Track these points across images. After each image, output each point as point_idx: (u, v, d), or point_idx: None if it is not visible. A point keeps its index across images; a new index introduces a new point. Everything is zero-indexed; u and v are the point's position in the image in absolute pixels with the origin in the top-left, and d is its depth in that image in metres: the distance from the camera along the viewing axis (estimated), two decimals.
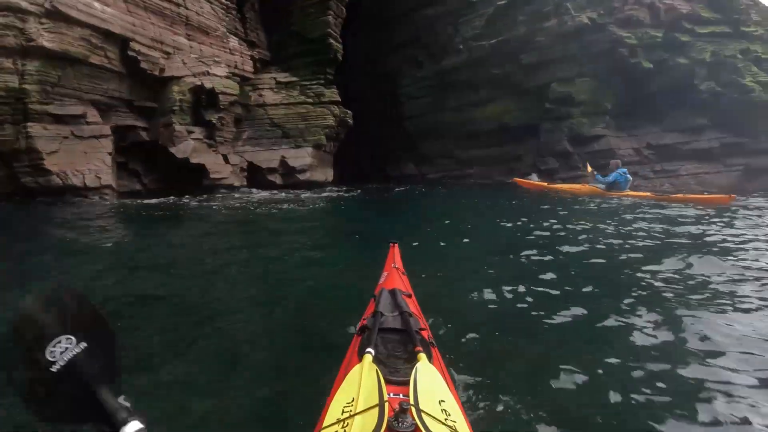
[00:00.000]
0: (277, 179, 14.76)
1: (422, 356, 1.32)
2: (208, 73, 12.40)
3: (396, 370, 1.32)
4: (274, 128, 15.53)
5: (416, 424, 0.96)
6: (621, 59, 15.50)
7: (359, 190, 15.44)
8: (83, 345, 0.87)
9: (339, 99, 16.67)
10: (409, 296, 2.07)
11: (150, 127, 12.17)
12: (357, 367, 1.27)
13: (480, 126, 18.76)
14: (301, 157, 14.97)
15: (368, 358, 1.30)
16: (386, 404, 1.03)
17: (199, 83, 12.04)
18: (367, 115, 22.47)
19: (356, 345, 1.55)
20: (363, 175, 24.30)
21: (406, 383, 1.16)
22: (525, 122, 17.72)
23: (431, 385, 1.18)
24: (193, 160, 11.68)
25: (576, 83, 16.32)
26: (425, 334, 1.62)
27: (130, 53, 11.27)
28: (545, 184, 12.81)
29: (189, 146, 11.68)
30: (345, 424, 1.01)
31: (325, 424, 1.05)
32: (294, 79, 16.73)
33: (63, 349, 0.85)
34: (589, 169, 11.14)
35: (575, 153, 16.69)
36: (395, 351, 1.47)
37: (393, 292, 1.89)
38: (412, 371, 1.20)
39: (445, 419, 1.03)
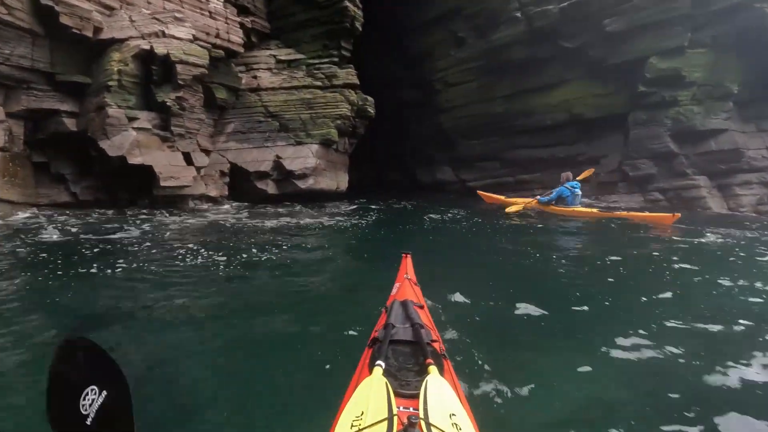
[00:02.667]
0: (268, 187, 10.79)
1: (433, 369, 1.34)
2: (164, 34, 8.59)
3: (407, 383, 1.35)
4: (268, 119, 11.61)
5: None
6: (758, 21, 10.78)
7: (381, 205, 11.31)
8: (104, 393, 0.98)
9: (357, 82, 12.61)
10: (421, 307, 2.09)
11: (81, 113, 8.44)
12: (366, 380, 1.28)
13: (541, 119, 14.27)
14: (302, 157, 10.96)
15: (378, 371, 1.31)
16: (395, 418, 1.03)
17: (146, 47, 8.23)
18: (392, 106, 18.39)
19: (367, 357, 1.59)
20: (387, 180, 20.17)
21: (417, 396, 1.17)
22: (607, 112, 13.13)
23: (442, 398, 1.17)
24: (133, 160, 7.86)
25: (686, 56, 11.65)
26: (437, 345, 1.65)
27: (45, 2, 7.56)
28: (503, 197, 11.55)
29: (128, 139, 7.87)
30: None
31: None
32: (299, 56, 12.80)
33: (91, 401, 0.97)
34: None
35: (682, 154, 11.98)
36: (406, 363, 1.48)
37: (404, 304, 1.91)
38: (423, 384, 1.20)
39: None
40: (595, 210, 8.70)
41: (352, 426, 1.06)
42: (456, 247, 6.26)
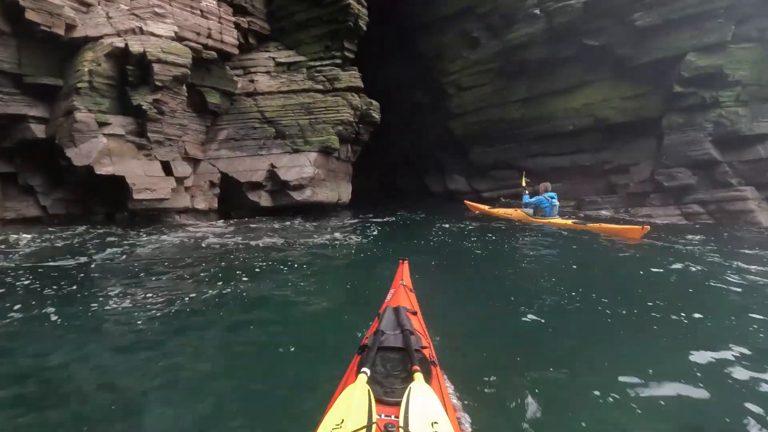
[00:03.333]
0: (261, 199, 9.84)
1: (418, 376, 1.35)
2: (141, 31, 7.76)
3: (392, 391, 1.35)
4: (264, 125, 10.71)
5: None
6: None
7: (387, 217, 10.23)
8: None
9: (361, 84, 11.64)
10: (415, 314, 2.08)
11: (51, 118, 7.63)
12: (350, 388, 1.28)
13: (561, 124, 13.07)
14: (298, 166, 9.99)
15: (362, 378, 1.31)
16: (374, 426, 1.02)
17: (121, 45, 7.41)
18: (401, 112, 17.42)
19: (355, 364, 1.60)
20: (396, 189, 19.12)
21: (400, 404, 1.17)
22: (636, 116, 11.89)
23: (425, 406, 1.17)
24: (102, 170, 6.98)
25: (729, 52, 10.37)
26: (427, 352, 1.63)
27: None
28: (487, 207, 11.62)
29: (96, 146, 7.01)
30: None
31: None
32: (300, 58, 11.92)
33: None
34: (524, 182, 10.72)
35: (725, 162, 10.65)
36: (394, 370, 1.48)
37: (397, 310, 1.90)
38: (406, 391, 1.21)
39: None
40: (570, 221, 8.65)
41: None
42: (465, 270, 5.17)
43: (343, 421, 1.09)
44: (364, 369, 1.36)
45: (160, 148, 7.80)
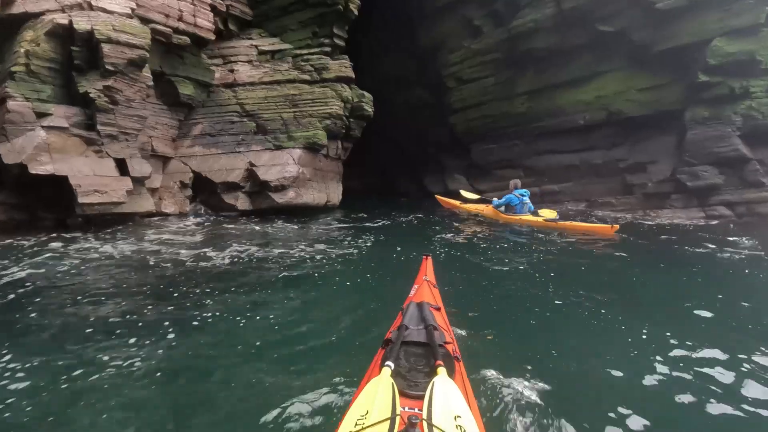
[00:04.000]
0: (238, 202, 8.76)
1: (441, 370, 1.35)
2: (90, 6, 6.66)
3: (415, 384, 1.38)
4: (243, 119, 9.63)
5: None
6: None
7: (382, 220, 9.13)
8: None
9: (352, 75, 10.56)
10: (438, 309, 2.12)
11: None
12: (374, 380, 1.30)
13: (572, 119, 12.00)
14: (280, 164, 8.92)
15: (386, 371, 1.32)
16: (398, 418, 1.05)
17: (64, 22, 6.31)
18: (399, 107, 16.36)
19: (379, 358, 1.61)
20: (394, 190, 18.02)
21: (423, 397, 1.18)
22: (654, 109, 10.83)
23: (448, 399, 1.18)
24: (37, 169, 5.86)
25: (762, 36, 9.31)
26: (450, 347, 1.66)
27: None
28: (458, 202, 11.26)
29: (33, 141, 5.91)
30: None
31: None
32: (285, 46, 10.82)
33: None
34: (470, 195, 11.10)
35: (756, 159, 9.59)
36: (417, 364, 1.50)
37: (420, 305, 1.91)
38: (429, 385, 1.22)
39: None
40: (540, 219, 8.41)
41: (356, 424, 1.08)
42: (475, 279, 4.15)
43: (367, 412, 1.10)
44: (387, 363, 1.37)
45: (114, 144, 6.70)
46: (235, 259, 5.09)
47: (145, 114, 7.12)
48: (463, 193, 11.56)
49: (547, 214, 8.59)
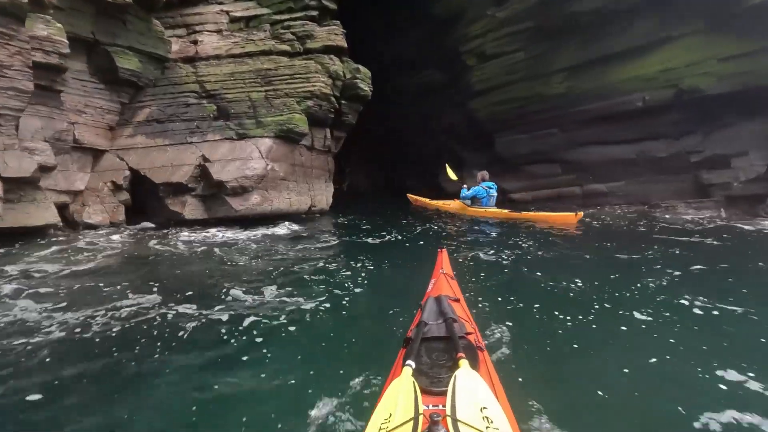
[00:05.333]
0: (185, 209, 6.61)
1: (463, 362, 1.31)
2: None
3: (438, 380, 1.33)
4: (202, 101, 7.48)
5: None
6: None
7: (382, 232, 6.79)
8: None
9: (343, 44, 8.30)
10: (457, 300, 2.07)
11: None
12: (395, 382, 1.27)
13: (626, 99, 9.42)
14: (241, 158, 6.74)
15: (407, 371, 1.29)
16: (421, 417, 1.02)
17: None
18: (411, 92, 14.03)
19: (401, 358, 1.59)
20: (404, 188, 15.68)
21: (446, 392, 1.15)
22: (744, 84, 8.19)
23: (472, 392, 1.15)
24: None
25: None
26: (472, 338, 1.64)
27: None
28: (427, 200, 10.91)
29: None
30: None
31: None
32: (262, 11, 8.64)
33: None
34: (451, 175, 10.61)
35: None
36: (439, 360, 1.47)
37: (438, 299, 1.88)
38: (451, 379, 1.19)
39: (486, 427, 1.01)
40: (504, 211, 8.40)
41: (380, 429, 1.06)
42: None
43: (390, 415, 1.09)
44: (408, 362, 1.35)
45: None
46: (77, 336, 2.91)
47: (26, 87, 4.99)
48: (449, 172, 10.85)
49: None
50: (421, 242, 6.13)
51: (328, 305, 3.19)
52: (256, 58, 7.97)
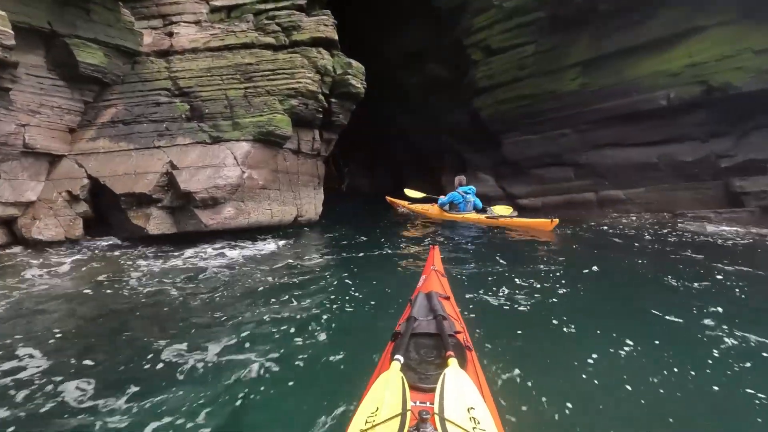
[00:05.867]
0: (149, 223, 5.82)
1: (452, 361, 1.30)
2: None
3: (426, 377, 1.33)
4: (173, 100, 6.70)
5: None
6: None
7: (377, 245, 5.96)
8: None
9: (334, 36, 7.48)
10: (447, 298, 2.07)
11: None
12: (383, 376, 1.25)
13: (648, 97, 8.51)
14: (213, 165, 5.95)
15: (395, 365, 1.28)
16: (408, 413, 1.01)
17: None
18: (414, 91, 13.24)
19: (389, 351, 1.57)
20: (401, 189, 14.88)
21: (435, 390, 1.15)
22: None
23: (460, 391, 1.15)
24: None
25: None
26: (461, 337, 1.61)
27: None
28: (406, 203, 10.49)
29: None
30: None
31: None
32: (245, 0, 7.82)
33: None
34: (412, 194, 10.74)
35: None
36: (427, 356, 1.46)
37: (429, 296, 1.85)
38: (440, 377, 1.19)
39: (473, 428, 1.01)
40: (482, 216, 8.28)
41: (366, 422, 1.04)
42: None
43: (377, 409, 1.07)
44: (397, 356, 1.33)
45: None
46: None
47: None
48: (408, 192, 10.87)
49: (501, 210, 8.53)
50: (410, 258, 5.31)
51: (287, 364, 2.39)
52: (236, 51, 7.17)
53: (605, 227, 7.95)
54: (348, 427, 1.09)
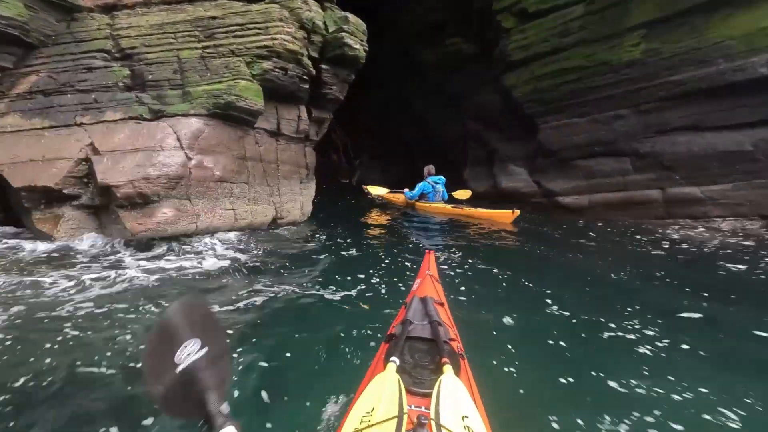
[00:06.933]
0: (59, 228, 4.20)
1: (448, 368, 1.29)
2: None
3: (421, 381, 1.30)
4: (112, 64, 5.07)
5: None
6: None
7: (376, 258, 4.23)
8: (204, 350, 0.99)
9: None
10: (442, 305, 2.04)
11: None
12: (379, 376, 1.24)
13: (736, 66, 6.44)
14: (146, 148, 4.27)
15: (392, 367, 1.26)
16: (405, 417, 1.00)
17: None
18: (425, 70, 11.45)
19: (383, 352, 1.54)
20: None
21: (430, 395, 1.14)
22: None
23: (455, 399, 1.14)
24: None
25: None
26: (455, 344, 1.59)
27: None
28: (386, 191, 10.22)
29: None
30: None
31: None
32: None
33: (188, 353, 0.96)
34: (374, 191, 10.33)
35: None
36: (422, 361, 1.44)
37: (424, 300, 1.85)
38: (436, 384, 1.17)
39: None
40: (449, 207, 8.18)
41: (361, 421, 1.04)
42: None
43: (373, 409, 1.07)
44: (393, 358, 1.31)
45: None
46: None
47: None
48: (369, 188, 10.40)
49: (461, 194, 8.92)
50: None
51: None
52: (198, 3, 5.49)
53: (676, 236, 5.99)
54: (341, 426, 1.08)
